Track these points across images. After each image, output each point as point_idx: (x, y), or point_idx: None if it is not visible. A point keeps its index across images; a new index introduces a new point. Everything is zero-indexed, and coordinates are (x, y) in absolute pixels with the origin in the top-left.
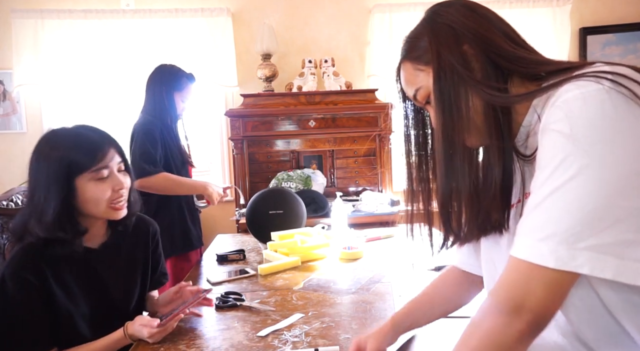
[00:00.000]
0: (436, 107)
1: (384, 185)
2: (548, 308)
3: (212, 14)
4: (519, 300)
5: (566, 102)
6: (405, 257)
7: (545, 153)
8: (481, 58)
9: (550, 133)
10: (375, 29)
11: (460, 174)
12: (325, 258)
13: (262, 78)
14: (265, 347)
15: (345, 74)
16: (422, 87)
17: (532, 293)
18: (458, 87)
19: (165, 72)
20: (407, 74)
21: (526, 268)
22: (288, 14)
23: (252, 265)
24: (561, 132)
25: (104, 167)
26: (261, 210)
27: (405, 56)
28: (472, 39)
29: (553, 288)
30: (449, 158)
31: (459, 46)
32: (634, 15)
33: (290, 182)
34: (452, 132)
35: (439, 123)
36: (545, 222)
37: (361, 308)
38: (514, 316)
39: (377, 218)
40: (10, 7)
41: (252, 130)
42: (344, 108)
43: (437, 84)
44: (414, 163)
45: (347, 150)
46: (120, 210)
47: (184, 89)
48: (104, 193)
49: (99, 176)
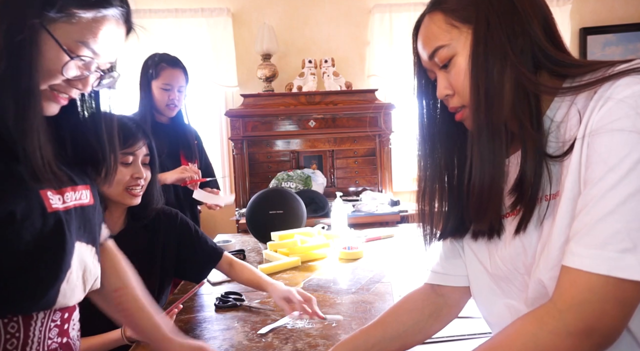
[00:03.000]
0: (471, 72)
1: (383, 185)
2: (620, 329)
3: (212, 14)
4: (592, 322)
5: (632, 98)
6: (412, 259)
7: (609, 154)
8: (526, 43)
9: (614, 133)
10: (375, 29)
11: (486, 152)
12: (325, 258)
13: (262, 78)
14: (266, 347)
15: (345, 74)
16: (448, 47)
17: (607, 314)
18: (496, 58)
19: (143, 65)
20: (435, 27)
21: (603, 285)
22: (288, 14)
23: (252, 265)
24: (631, 130)
25: (130, 153)
26: (261, 210)
27: (438, 7)
28: (525, 21)
29: (629, 306)
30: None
31: (512, 20)
32: (634, 15)
33: (290, 182)
34: (483, 102)
35: (473, 94)
36: (627, 231)
37: (361, 308)
38: (584, 338)
39: (377, 218)
40: None
41: (252, 130)
42: (344, 108)
43: (477, 47)
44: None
45: (347, 150)
46: (136, 197)
47: (160, 75)
48: (123, 177)
49: (123, 160)
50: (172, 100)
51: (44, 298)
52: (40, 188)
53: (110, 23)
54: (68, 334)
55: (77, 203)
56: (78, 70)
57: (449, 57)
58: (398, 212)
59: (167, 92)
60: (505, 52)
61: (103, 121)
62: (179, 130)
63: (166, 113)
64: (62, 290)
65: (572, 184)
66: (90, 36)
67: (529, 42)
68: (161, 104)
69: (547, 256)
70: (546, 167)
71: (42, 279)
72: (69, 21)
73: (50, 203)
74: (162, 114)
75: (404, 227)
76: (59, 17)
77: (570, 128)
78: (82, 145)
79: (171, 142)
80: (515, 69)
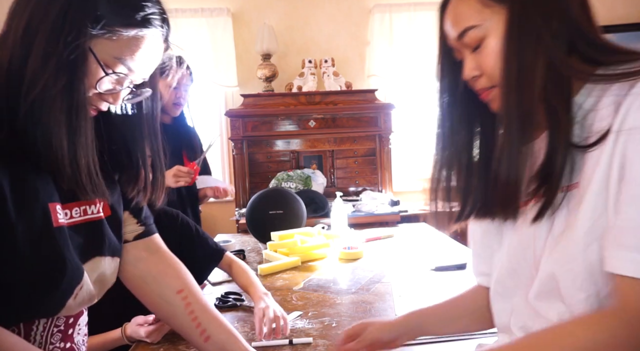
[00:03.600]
0: (504, 53)
1: (383, 185)
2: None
3: (212, 14)
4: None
5: None
6: (412, 259)
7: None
8: (562, 24)
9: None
10: (375, 29)
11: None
12: (325, 258)
13: (262, 78)
14: (265, 347)
15: (345, 74)
16: (480, 28)
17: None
18: (531, 40)
19: None
20: (466, 7)
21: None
22: (288, 14)
23: (252, 265)
24: None
25: None
26: (261, 210)
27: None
28: (563, 0)
29: None
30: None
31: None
32: (634, 15)
33: (290, 182)
34: (515, 84)
35: (504, 76)
36: None
37: (361, 308)
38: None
39: (377, 218)
40: None
41: (252, 130)
42: (344, 108)
43: (512, 29)
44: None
45: (347, 150)
46: None
47: (167, 74)
48: None
49: None
50: (179, 99)
51: (47, 311)
52: (50, 201)
53: (149, 42)
54: (72, 339)
55: (89, 217)
56: (111, 85)
57: (479, 38)
58: (398, 212)
59: (174, 90)
60: (540, 33)
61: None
62: (182, 130)
63: (172, 112)
64: (67, 305)
65: (601, 178)
66: (129, 54)
67: (565, 24)
68: (168, 103)
69: (564, 249)
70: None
71: (45, 293)
72: (110, 38)
73: (57, 217)
74: (167, 113)
75: (404, 226)
76: (102, 33)
77: (601, 119)
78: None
79: (174, 143)
80: (549, 51)
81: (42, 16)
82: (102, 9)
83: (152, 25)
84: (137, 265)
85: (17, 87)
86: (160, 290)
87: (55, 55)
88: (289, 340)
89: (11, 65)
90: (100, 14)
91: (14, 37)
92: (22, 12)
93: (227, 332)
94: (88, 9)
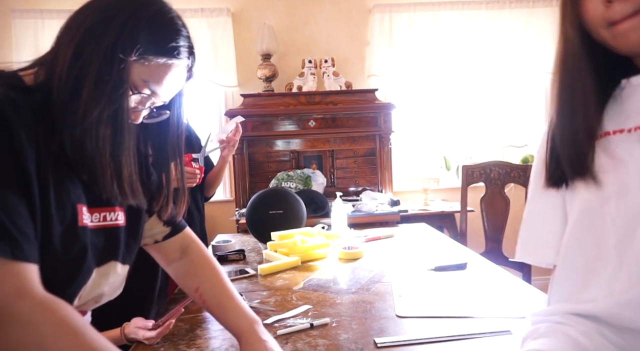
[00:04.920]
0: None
1: (383, 185)
2: None
3: (212, 14)
4: None
5: None
6: (412, 259)
7: None
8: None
9: None
10: (375, 29)
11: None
12: (325, 258)
13: (262, 78)
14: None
15: (345, 74)
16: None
17: None
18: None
19: None
20: None
21: None
22: (288, 14)
23: (252, 265)
24: None
25: None
26: (261, 210)
27: None
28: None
29: None
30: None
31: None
32: None
33: (290, 182)
34: None
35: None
36: None
37: (361, 308)
38: None
39: (377, 218)
40: (10, 8)
41: (252, 130)
42: (344, 109)
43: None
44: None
45: (347, 150)
46: None
47: None
48: None
49: None
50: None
51: None
52: (78, 202)
53: (176, 70)
54: None
55: (107, 224)
56: (134, 104)
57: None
58: (398, 212)
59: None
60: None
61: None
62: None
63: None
64: (74, 304)
65: None
66: (156, 78)
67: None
68: None
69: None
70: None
71: (60, 288)
72: (142, 63)
73: (83, 217)
74: None
75: (404, 226)
76: (137, 59)
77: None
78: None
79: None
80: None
81: (94, 47)
82: (142, 39)
83: (180, 55)
84: (170, 266)
85: (69, 108)
86: (185, 288)
87: (109, 82)
88: (310, 323)
89: (61, 91)
90: (141, 44)
91: (63, 61)
92: (71, 39)
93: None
94: (134, 41)
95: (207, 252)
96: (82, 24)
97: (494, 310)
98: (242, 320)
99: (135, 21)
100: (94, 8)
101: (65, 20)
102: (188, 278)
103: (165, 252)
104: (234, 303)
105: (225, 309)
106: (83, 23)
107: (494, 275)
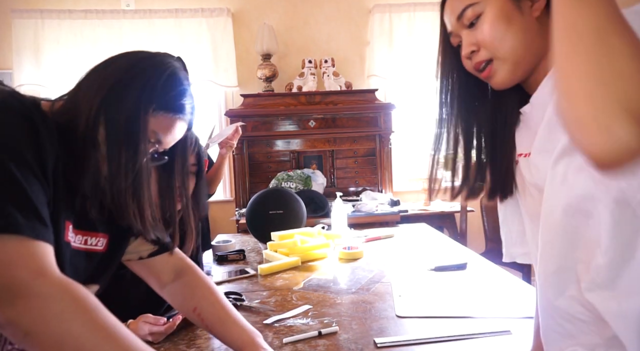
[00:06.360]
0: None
1: (383, 185)
2: None
3: (212, 14)
4: None
5: None
6: (412, 259)
7: None
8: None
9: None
10: (375, 29)
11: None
12: (325, 258)
13: (262, 78)
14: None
15: (345, 74)
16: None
17: None
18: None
19: None
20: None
21: None
22: (288, 14)
23: (252, 265)
24: None
25: None
26: (261, 210)
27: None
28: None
29: None
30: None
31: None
32: None
33: (290, 182)
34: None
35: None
36: None
37: (361, 308)
38: None
39: (377, 218)
40: (10, 7)
41: (252, 130)
42: (344, 109)
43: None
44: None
45: (347, 150)
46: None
47: None
48: None
49: None
50: None
51: None
52: (67, 219)
53: (180, 123)
54: None
55: (88, 248)
56: None
57: (476, 14)
58: (398, 212)
59: None
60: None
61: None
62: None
63: None
64: None
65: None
66: (163, 130)
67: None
68: None
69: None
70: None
71: None
72: (154, 116)
73: (68, 234)
74: None
75: (404, 226)
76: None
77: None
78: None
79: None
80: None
81: (118, 105)
82: (157, 98)
83: (184, 112)
84: (163, 289)
85: (91, 153)
86: (182, 309)
87: (132, 136)
88: (318, 331)
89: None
90: (156, 103)
91: (89, 110)
92: (97, 92)
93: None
94: (153, 98)
95: (203, 273)
96: (105, 81)
97: (494, 310)
98: (244, 333)
99: (153, 81)
100: (119, 67)
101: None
102: (184, 299)
103: (156, 273)
104: (235, 318)
105: (226, 324)
106: (107, 80)
107: (494, 275)
